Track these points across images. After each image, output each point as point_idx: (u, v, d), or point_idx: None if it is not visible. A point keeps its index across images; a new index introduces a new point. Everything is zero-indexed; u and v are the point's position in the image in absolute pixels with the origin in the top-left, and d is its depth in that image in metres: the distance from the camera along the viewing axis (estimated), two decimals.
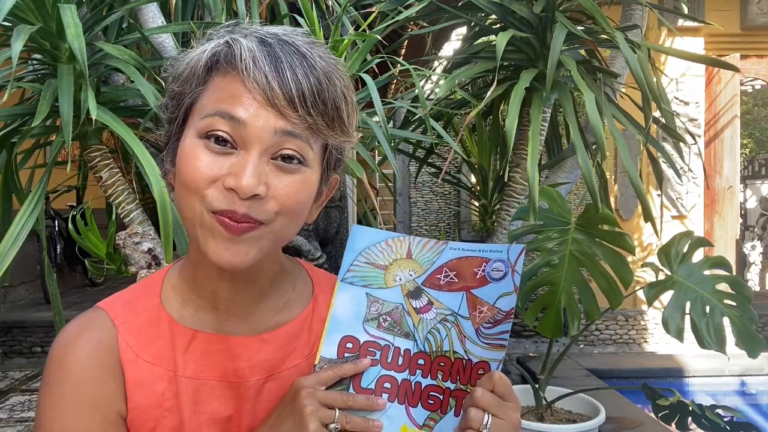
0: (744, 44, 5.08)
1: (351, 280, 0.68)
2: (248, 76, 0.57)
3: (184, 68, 0.62)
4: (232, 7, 1.95)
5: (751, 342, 1.87)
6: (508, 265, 0.66)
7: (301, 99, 0.58)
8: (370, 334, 0.66)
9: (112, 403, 0.64)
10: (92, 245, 1.86)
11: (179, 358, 0.67)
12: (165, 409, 0.65)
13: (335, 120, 0.61)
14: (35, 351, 4.60)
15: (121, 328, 0.67)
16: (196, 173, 0.59)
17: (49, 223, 5.27)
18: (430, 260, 0.68)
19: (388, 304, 0.67)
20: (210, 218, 0.59)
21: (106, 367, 0.65)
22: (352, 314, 0.67)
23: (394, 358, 0.66)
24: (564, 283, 1.94)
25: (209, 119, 0.59)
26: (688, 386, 4.11)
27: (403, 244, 0.68)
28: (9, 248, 1.47)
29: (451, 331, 0.66)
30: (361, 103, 2.27)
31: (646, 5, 2.47)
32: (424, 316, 0.67)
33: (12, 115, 1.66)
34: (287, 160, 0.60)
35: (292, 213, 0.61)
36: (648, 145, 2.27)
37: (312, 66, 0.59)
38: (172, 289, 0.70)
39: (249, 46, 0.58)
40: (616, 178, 4.94)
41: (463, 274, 0.67)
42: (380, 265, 0.68)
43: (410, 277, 0.67)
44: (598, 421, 2.12)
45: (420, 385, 0.65)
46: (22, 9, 1.53)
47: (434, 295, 0.67)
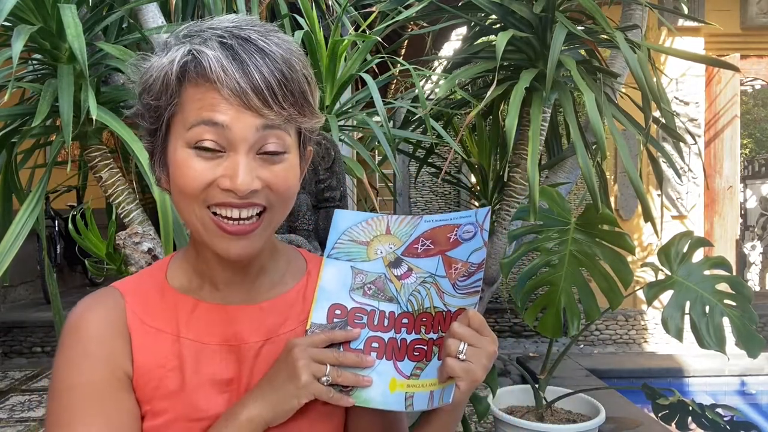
0: (744, 44, 5.08)
1: (336, 255, 0.74)
2: (222, 86, 0.62)
3: (154, 80, 0.66)
4: (232, 6, 1.95)
5: (751, 342, 1.87)
6: (476, 225, 0.72)
7: (273, 96, 0.63)
8: (357, 301, 0.72)
9: (119, 362, 0.69)
10: (92, 245, 1.86)
11: (182, 323, 0.72)
12: (168, 369, 0.70)
13: (304, 106, 0.66)
14: (35, 351, 4.60)
15: (128, 299, 0.73)
16: (194, 181, 0.64)
17: (49, 223, 5.27)
18: (407, 233, 0.74)
19: (371, 274, 0.73)
20: (211, 222, 0.65)
21: (114, 330, 0.70)
22: (339, 284, 0.73)
23: (380, 320, 0.71)
24: (564, 283, 1.95)
25: (195, 129, 0.64)
26: (688, 386, 4.11)
27: (382, 222, 0.75)
28: (9, 248, 1.47)
29: (431, 290, 0.72)
30: (361, 103, 2.27)
31: (646, 5, 2.47)
32: (405, 282, 0.73)
33: (12, 115, 1.66)
34: (272, 154, 0.66)
35: (286, 197, 0.68)
36: (648, 145, 2.27)
37: (273, 59, 0.64)
38: (177, 268, 0.76)
39: (214, 55, 0.62)
40: (616, 178, 4.94)
41: (438, 241, 0.73)
42: (362, 242, 0.74)
43: (390, 249, 0.74)
44: (598, 421, 2.12)
45: (405, 341, 0.70)
46: (22, 9, 1.53)
47: (413, 262, 0.73)
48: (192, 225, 0.68)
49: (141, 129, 0.72)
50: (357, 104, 2.24)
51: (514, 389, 2.49)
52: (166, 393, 0.69)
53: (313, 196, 1.72)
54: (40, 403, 3.55)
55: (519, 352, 4.56)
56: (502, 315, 5.03)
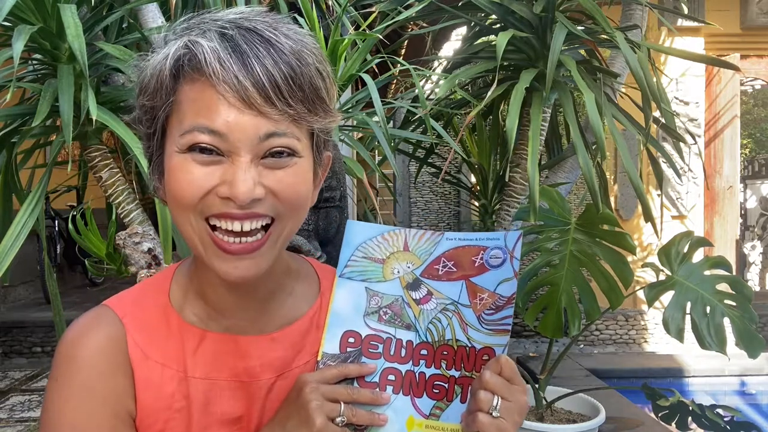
0: (744, 44, 5.08)
1: (349, 275, 0.68)
2: (218, 81, 0.54)
3: (149, 79, 0.59)
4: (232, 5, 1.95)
5: (751, 342, 1.87)
6: (506, 251, 0.66)
7: (277, 92, 0.55)
8: (372, 328, 0.66)
9: (121, 400, 0.63)
10: (92, 245, 1.86)
11: (189, 359, 0.66)
12: (174, 411, 0.65)
13: (316, 103, 0.58)
14: (35, 351, 4.60)
15: (129, 326, 0.65)
16: (189, 188, 0.57)
17: (49, 223, 5.27)
18: (427, 251, 0.68)
19: (387, 297, 0.67)
20: (209, 239, 0.58)
21: (115, 364, 0.64)
22: (353, 309, 0.67)
23: (396, 350, 0.66)
24: (564, 283, 1.94)
25: (189, 135, 0.56)
26: (688, 386, 4.11)
27: (399, 237, 0.68)
28: (9, 248, 1.47)
29: (453, 320, 0.66)
30: (361, 103, 2.27)
31: (646, 5, 2.47)
32: (424, 307, 0.67)
33: (12, 115, 1.66)
34: (277, 156, 0.57)
35: (295, 206, 0.60)
36: (648, 145, 2.27)
37: (280, 51, 0.56)
38: (180, 290, 0.69)
39: (211, 46, 0.55)
40: (616, 178, 4.94)
41: (461, 263, 0.67)
42: (378, 259, 0.68)
43: (408, 269, 0.67)
44: (598, 421, 2.12)
45: (424, 375, 0.65)
46: (22, 9, 1.53)
47: (433, 285, 0.67)
48: (190, 241, 0.60)
49: (137, 131, 0.65)
50: (357, 104, 2.24)
51: None
52: None
53: None
54: (40, 403, 3.55)
55: (519, 352, 4.56)
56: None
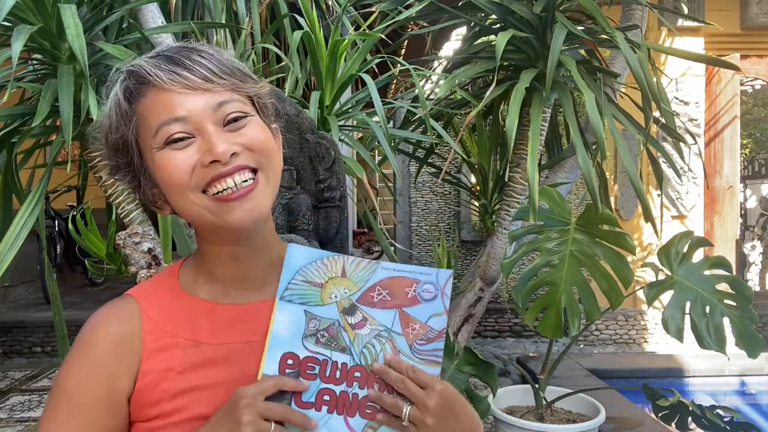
0: (744, 44, 5.08)
1: (289, 297, 0.71)
2: (163, 82, 0.67)
3: (110, 118, 0.71)
4: (232, 7, 1.95)
5: (751, 342, 1.87)
6: (437, 287, 0.71)
7: (211, 72, 0.68)
8: (309, 350, 0.69)
9: (120, 382, 0.71)
10: (92, 245, 1.87)
11: (200, 328, 0.73)
12: (178, 372, 0.71)
13: (243, 76, 0.72)
14: (35, 351, 4.60)
15: (144, 306, 0.74)
16: (177, 171, 0.67)
17: (49, 223, 5.26)
18: (363, 279, 0.72)
19: (324, 320, 0.70)
20: (211, 201, 0.68)
21: (126, 345, 0.72)
22: (292, 331, 0.70)
23: (332, 371, 0.69)
24: (564, 283, 1.94)
25: (161, 132, 0.67)
26: (688, 386, 4.11)
27: (337, 263, 0.72)
28: (9, 248, 1.47)
29: (386, 346, 0.69)
30: (362, 103, 2.27)
31: (646, 5, 2.47)
32: (359, 332, 0.70)
33: (12, 115, 1.66)
34: (235, 121, 0.69)
35: (268, 151, 0.71)
36: (648, 145, 2.27)
37: (200, 51, 0.70)
38: (189, 274, 0.78)
39: (147, 62, 0.69)
40: (616, 178, 4.94)
41: (395, 293, 0.71)
42: (317, 283, 0.71)
43: (345, 294, 0.71)
44: (598, 421, 2.12)
45: (357, 396, 0.68)
46: (22, 9, 1.53)
47: (368, 311, 0.71)
48: (197, 217, 0.69)
49: (116, 174, 0.74)
50: (357, 104, 2.24)
51: (514, 389, 2.49)
52: (176, 393, 0.70)
53: (313, 196, 1.72)
54: (40, 403, 3.55)
55: (519, 352, 4.56)
56: (503, 315, 5.03)
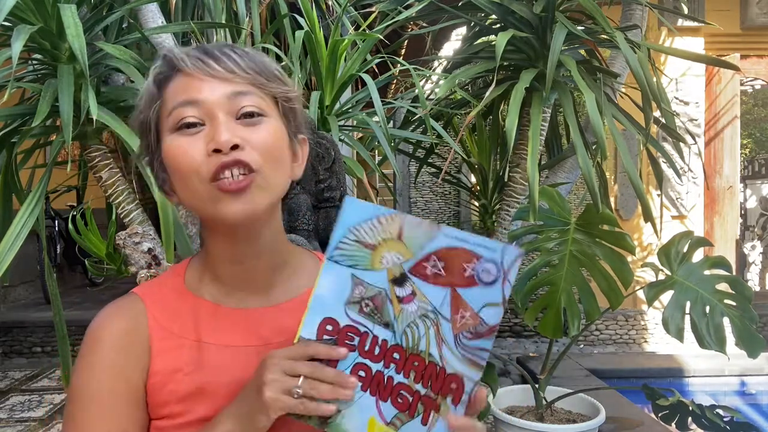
0: (744, 44, 5.08)
1: (337, 258, 0.64)
2: (187, 66, 0.69)
3: (140, 101, 0.73)
4: (232, 7, 1.95)
5: (751, 342, 1.87)
6: (500, 269, 0.62)
7: (236, 65, 0.69)
8: (351, 318, 0.64)
9: (135, 374, 0.71)
10: (92, 245, 1.87)
11: (204, 329, 0.73)
12: (184, 374, 0.71)
13: (272, 76, 0.71)
14: (35, 351, 4.59)
15: (149, 305, 0.75)
16: (185, 156, 0.68)
17: (49, 223, 5.26)
18: (419, 244, 0.63)
19: (371, 288, 0.64)
20: (211, 189, 0.67)
21: (134, 341, 0.72)
22: (335, 295, 0.64)
23: (371, 346, 0.63)
24: (564, 283, 1.94)
25: (174, 113, 0.68)
26: (688, 386, 4.11)
27: (395, 222, 0.63)
28: (9, 248, 1.47)
29: (430, 331, 0.63)
30: (362, 103, 2.27)
31: (646, 5, 2.47)
32: (405, 307, 0.63)
33: (12, 115, 1.66)
34: (249, 116, 0.69)
35: (273, 158, 0.70)
36: (648, 145, 2.27)
37: (237, 48, 0.71)
38: (195, 274, 0.78)
39: (180, 50, 0.71)
40: (616, 178, 4.94)
41: (452, 268, 0.63)
42: (369, 244, 0.64)
43: (397, 261, 0.63)
44: (598, 421, 2.12)
45: (392, 380, 0.63)
46: (22, 9, 1.53)
47: (419, 285, 0.63)
48: (200, 206, 0.69)
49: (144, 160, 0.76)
50: (357, 104, 2.24)
51: (514, 389, 2.49)
52: (183, 395, 0.70)
53: (313, 196, 1.72)
54: (40, 403, 3.55)
55: (519, 352, 4.56)
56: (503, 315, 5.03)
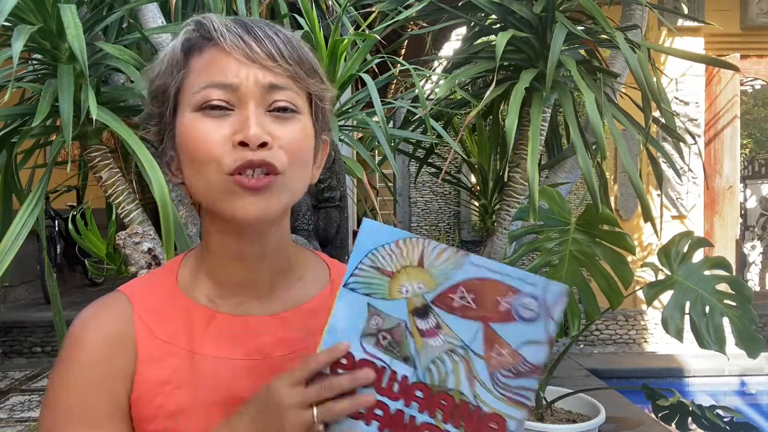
0: (744, 44, 5.08)
1: (353, 285, 0.59)
2: (225, 42, 0.62)
3: (161, 64, 0.66)
4: (232, 7, 1.95)
5: (751, 342, 1.87)
6: (542, 305, 0.55)
7: (279, 52, 0.63)
8: (367, 352, 0.58)
9: (118, 384, 0.65)
10: (92, 245, 1.86)
11: (198, 337, 0.67)
12: (174, 387, 0.65)
13: (312, 70, 0.66)
14: (35, 351, 4.59)
15: (136, 306, 0.68)
16: (204, 142, 0.61)
17: (49, 223, 5.26)
18: (444, 274, 0.57)
19: (390, 319, 0.58)
20: (228, 181, 0.61)
21: (117, 346, 0.66)
22: (350, 326, 0.59)
23: (389, 383, 0.57)
24: (564, 283, 1.94)
25: (203, 92, 0.62)
26: (688, 386, 4.11)
27: (416, 248, 0.58)
28: (9, 248, 1.47)
29: (459, 366, 0.56)
30: (361, 103, 2.27)
31: (646, 5, 2.47)
32: (428, 341, 0.57)
33: (12, 115, 1.66)
34: (282, 111, 0.63)
35: (299, 161, 0.64)
36: (648, 145, 2.27)
37: (279, 30, 0.65)
38: (189, 272, 0.71)
39: (218, 18, 0.64)
40: (616, 178, 4.94)
41: (483, 301, 0.56)
42: (387, 272, 0.58)
43: (419, 291, 0.58)
44: (598, 421, 2.12)
45: (414, 419, 0.57)
46: (22, 9, 1.53)
47: (444, 318, 0.57)
48: (209, 197, 0.63)
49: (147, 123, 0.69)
50: (357, 104, 2.24)
51: None
52: (173, 411, 0.65)
53: (313, 196, 1.72)
54: (39, 403, 3.55)
55: None
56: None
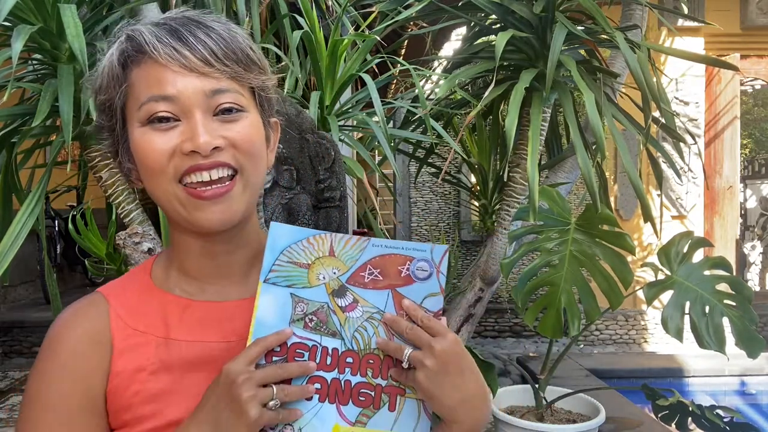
0: (744, 44, 5.08)
1: (274, 280, 0.66)
2: (160, 55, 0.62)
3: (102, 78, 0.67)
4: (232, 7, 1.95)
5: (751, 342, 1.87)
6: (432, 265, 0.66)
7: (213, 55, 0.63)
8: (297, 336, 0.65)
9: (94, 380, 0.67)
10: (92, 245, 1.86)
11: (172, 325, 0.69)
12: (149, 373, 0.67)
13: (249, 64, 0.66)
14: (35, 351, 4.58)
15: (112, 302, 0.70)
16: (154, 153, 0.63)
17: (49, 223, 5.27)
18: (353, 257, 0.67)
19: (313, 303, 0.66)
20: (185, 194, 0.64)
21: (94, 343, 0.68)
22: (278, 316, 0.65)
23: (322, 358, 0.65)
24: (564, 283, 1.94)
25: (146, 107, 0.63)
26: (688, 386, 4.11)
27: (324, 241, 0.67)
28: (9, 248, 1.47)
29: (379, 329, 0.66)
30: (361, 103, 2.27)
31: (646, 5, 2.47)
32: (350, 315, 0.66)
33: (12, 115, 1.66)
34: (227, 113, 0.65)
35: (253, 155, 0.66)
36: (648, 145, 2.27)
37: (210, 28, 0.65)
38: (162, 270, 0.74)
39: (148, 30, 0.64)
40: (616, 178, 4.94)
41: (388, 272, 0.67)
42: (303, 264, 0.67)
43: (334, 275, 0.67)
44: (598, 421, 2.12)
45: (350, 383, 0.65)
46: (22, 9, 1.53)
47: (359, 293, 0.66)
48: (167, 205, 0.66)
49: (99, 135, 0.71)
50: (357, 104, 2.24)
51: (514, 389, 2.49)
52: (150, 396, 0.66)
53: (313, 196, 1.72)
54: None
55: (519, 352, 4.56)
56: (503, 315, 5.03)
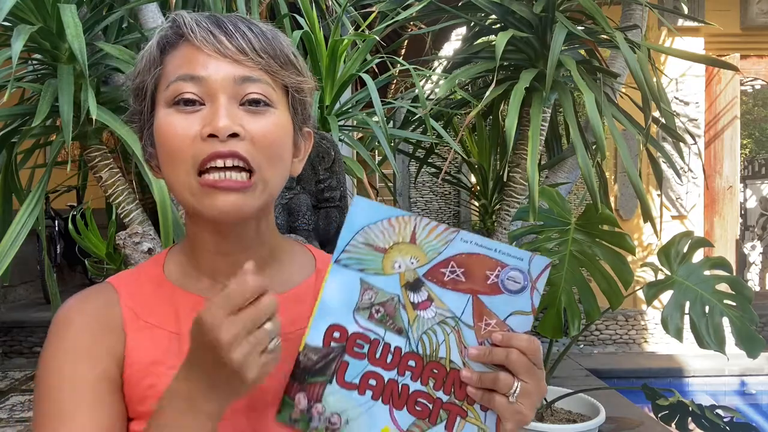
0: (744, 44, 5.08)
1: (345, 262, 0.61)
2: (196, 38, 0.62)
3: (140, 62, 0.67)
4: (232, 6, 1.95)
5: (751, 342, 1.87)
6: (527, 277, 0.59)
7: (250, 46, 0.62)
8: (360, 325, 0.60)
9: (110, 360, 0.65)
10: (92, 245, 1.87)
11: (184, 321, 0.66)
12: (168, 367, 0.64)
13: (287, 62, 0.65)
14: (35, 351, 4.59)
15: (123, 294, 0.68)
16: (176, 138, 0.61)
17: (49, 223, 5.26)
18: (436, 249, 0.60)
19: (383, 293, 0.60)
20: (198, 186, 0.61)
21: (106, 326, 0.66)
22: (343, 301, 0.61)
23: (383, 354, 0.60)
24: (564, 283, 1.94)
25: (173, 86, 0.62)
26: (688, 386, 4.11)
27: (407, 225, 0.60)
28: (9, 248, 1.47)
29: (450, 337, 0.60)
30: (362, 103, 2.27)
31: (646, 5, 2.47)
32: (421, 313, 0.60)
33: (12, 115, 1.66)
34: (254, 104, 0.63)
35: (273, 155, 0.63)
36: (648, 145, 2.27)
37: (253, 23, 0.65)
38: (176, 264, 0.72)
39: (191, 16, 0.64)
40: (616, 178, 4.94)
41: (472, 274, 0.60)
42: (379, 248, 0.60)
43: (411, 265, 0.60)
44: (598, 421, 2.12)
45: (408, 388, 0.60)
46: (22, 9, 1.53)
47: (436, 291, 0.60)
48: (181, 195, 0.63)
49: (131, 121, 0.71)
50: (357, 104, 2.24)
51: None
52: None
53: (313, 196, 1.72)
54: None
55: None
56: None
